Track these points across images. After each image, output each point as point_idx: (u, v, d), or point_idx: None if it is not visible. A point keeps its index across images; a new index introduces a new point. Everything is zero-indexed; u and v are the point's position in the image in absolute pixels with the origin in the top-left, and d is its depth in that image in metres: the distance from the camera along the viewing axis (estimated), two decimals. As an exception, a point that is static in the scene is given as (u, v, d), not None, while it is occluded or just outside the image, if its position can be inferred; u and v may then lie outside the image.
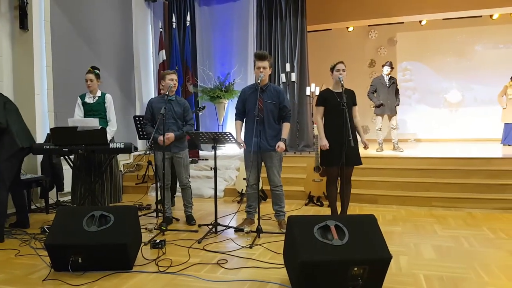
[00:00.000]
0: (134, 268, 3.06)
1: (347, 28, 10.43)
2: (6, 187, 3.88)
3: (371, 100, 7.27)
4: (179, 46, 7.76)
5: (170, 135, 4.16)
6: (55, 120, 5.60)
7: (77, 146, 4.08)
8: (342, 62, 4.08)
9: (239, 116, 4.20)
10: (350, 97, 4.03)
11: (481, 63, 10.06)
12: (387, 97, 6.99)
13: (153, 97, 4.48)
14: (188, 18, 7.80)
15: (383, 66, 7.19)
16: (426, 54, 10.43)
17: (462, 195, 5.16)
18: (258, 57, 3.99)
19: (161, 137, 4.10)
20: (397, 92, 7.12)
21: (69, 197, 4.73)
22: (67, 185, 5.08)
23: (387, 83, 7.01)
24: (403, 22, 9.94)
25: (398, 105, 7.12)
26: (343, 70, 4.02)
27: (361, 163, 4.12)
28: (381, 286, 2.58)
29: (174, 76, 4.27)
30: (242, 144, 4.05)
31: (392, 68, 7.10)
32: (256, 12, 7.57)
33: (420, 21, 9.85)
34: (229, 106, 7.75)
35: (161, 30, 7.88)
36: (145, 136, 4.95)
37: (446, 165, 5.77)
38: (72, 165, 4.38)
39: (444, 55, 10.30)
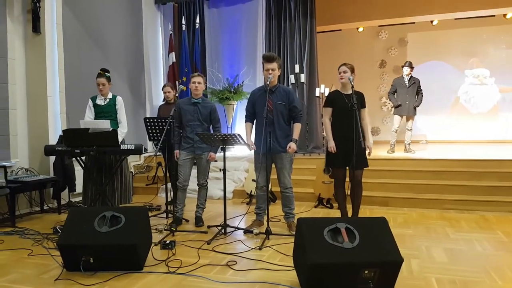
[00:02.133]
0: (145, 269, 3.08)
1: (357, 28, 10.37)
2: None
3: (390, 100, 7.22)
4: (188, 48, 7.80)
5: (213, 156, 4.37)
6: (67, 122, 5.66)
7: (89, 148, 4.12)
8: (344, 64, 4.04)
9: (249, 118, 4.21)
10: (359, 99, 3.99)
11: (493, 63, 9.93)
12: (406, 97, 6.93)
13: (181, 99, 4.58)
14: (198, 20, 7.83)
15: (402, 66, 7.14)
16: (437, 55, 10.32)
17: (475, 197, 5.09)
18: (266, 59, 3.99)
19: (176, 152, 4.38)
20: (418, 93, 7.00)
21: (81, 198, 4.77)
22: (79, 186, 5.14)
23: (407, 84, 6.95)
24: (414, 22, 9.84)
25: (418, 106, 7.01)
26: (344, 72, 3.99)
27: (367, 165, 4.07)
28: (392, 289, 2.57)
29: (197, 79, 4.36)
30: (252, 146, 4.06)
31: (411, 68, 7.03)
32: (265, 13, 7.56)
33: (432, 21, 9.73)
34: (238, 108, 7.76)
35: (171, 32, 7.92)
36: (156, 137, 4.97)
37: (459, 167, 5.70)
38: (83, 166, 4.43)
39: (455, 55, 10.18)
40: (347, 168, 4.03)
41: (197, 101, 4.35)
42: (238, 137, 3.79)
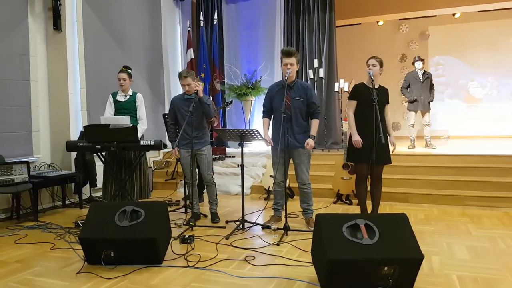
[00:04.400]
0: (164, 263, 3.11)
1: (377, 22, 10.21)
2: None
3: (404, 95, 7.10)
4: (206, 44, 7.82)
5: (199, 90, 4.15)
6: (88, 118, 5.76)
7: (109, 143, 4.18)
8: (373, 57, 3.98)
9: (267, 113, 4.19)
10: (383, 94, 3.92)
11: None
12: (420, 92, 6.82)
13: (175, 96, 4.53)
14: (216, 16, 7.84)
15: (413, 63, 7.02)
16: (459, 48, 10.08)
17: (498, 194, 4.96)
18: (285, 53, 3.94)
19: (175, 150, 4.27)
20: (431, 87, 6.91)
21: (102, 193, 4.85)
22: (100, 181, 5.22)
23: (421, 78, 6.84)
24: (435, 15, 9.63)
25: (432, 101, 6.92)
26: (373, 65, 3.93)
27: (390, 162, 4.01)
28: (412, 286, 2.52)
29: (186, 81, 4.19)
30: (269, 142, 4.05)
31: (422, 60, 6.92)
32: (284, 7, 7.52)
33: (454, 14, 9.51)
34: (256, 103, 7.75)
35: (189, 28, 7.95)
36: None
37: (481, 163, 5.57)
38: (104, 161, 4.50)
39: (478, 49, 9.91)
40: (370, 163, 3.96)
41: (190, 97, 4.26)
42: (256, 132, 3.78)
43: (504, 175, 5.29)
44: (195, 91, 4.17)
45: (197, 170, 4.73)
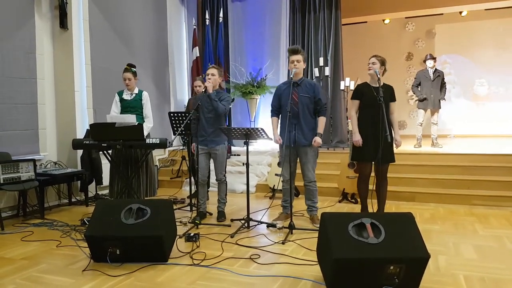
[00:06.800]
0: (170, 260, 3.12)
1: (383, 20, 10.17)
2: None
3: (414, 93, 7.08)
4: (212, 42, 7.81)
5: (209, 86, 4.20)
6: (94, 116, 5.77)
7: (115, 142, 4.20)
8: (374, 56, 3.97)
9: (275, 112, 4.20)
10: (387, 92, 3.90)
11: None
12: (430, 91, 6.78)
13: (199, 94, 4.59)
14: (221, 14, 7.83)
15: (424, 61, 6.99)
16: (466, 47, 10.00)
17: (506, 193, 4.93)
18: (291, 51, 3.98)
19: (193, 145, 4.42)
20: (443, 86, 6.87)
21: (108, 191, 4.87)
22: (106, 179, 5.24)
23: (431, 77, 6.80)
24: (442, 14, 9.58)
25: (443, 99, 6.88)
26: (373, 63, 3.92)
27: (394, 161, 3.99)
28: (419, 286, 2.51)
29: (210, 71, 4.34)
30: (279, 140, 4.05)
31: (434, 59, 6.88)
32: (289, 6, 7.50)
33: (461, 12, 9.44)
34: (261, 102, 7.74)
35: (194, 27, 7.95)
36: (181, 131, 4.96)
37: (489, 162, 5.53)
38: (110, 159, 4.51)
39: (485, 47, 9.84)
40: (373, 162, 3.96)
41: (208, 95, 4.26)
42: (261, 131, 3.78)
43: (511, 174, 5.24)
44: (204, 89, 4.21)
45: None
